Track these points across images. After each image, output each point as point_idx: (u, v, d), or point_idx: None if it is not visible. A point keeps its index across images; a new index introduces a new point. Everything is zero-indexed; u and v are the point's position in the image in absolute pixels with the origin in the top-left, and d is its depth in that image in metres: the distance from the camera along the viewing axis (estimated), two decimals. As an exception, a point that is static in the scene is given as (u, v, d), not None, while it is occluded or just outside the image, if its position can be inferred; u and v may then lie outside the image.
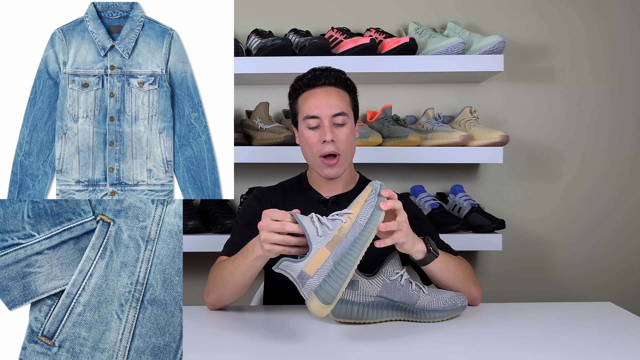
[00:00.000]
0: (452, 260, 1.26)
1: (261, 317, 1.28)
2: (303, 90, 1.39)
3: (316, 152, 1.36)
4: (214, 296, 1.29)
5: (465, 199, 1.93)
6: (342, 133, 1.36)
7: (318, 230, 1.05)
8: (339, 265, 1.03)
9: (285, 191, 1.48)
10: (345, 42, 1.85)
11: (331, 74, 1.38)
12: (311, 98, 1.37)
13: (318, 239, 1.04)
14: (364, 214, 1.08)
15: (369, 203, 1.09)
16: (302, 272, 1.03)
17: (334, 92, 1.37)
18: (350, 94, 1.41)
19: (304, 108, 1.38)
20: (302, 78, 1.40)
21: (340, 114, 1.35)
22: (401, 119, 1.96)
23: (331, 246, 1.04)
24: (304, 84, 1.39)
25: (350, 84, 1.41)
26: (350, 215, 1.08)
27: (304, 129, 1.38)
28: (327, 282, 1.02)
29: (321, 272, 1.02)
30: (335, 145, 1.35)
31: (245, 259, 1.20)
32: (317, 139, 1.36)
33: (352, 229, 1.06)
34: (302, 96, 1.40)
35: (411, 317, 1.18)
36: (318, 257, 1.03)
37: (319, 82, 1.38)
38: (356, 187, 1.46)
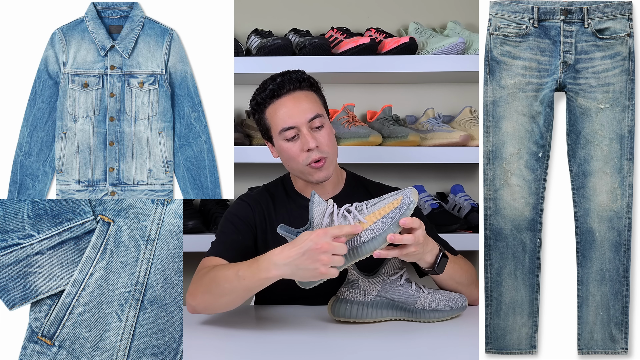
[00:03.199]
0: (458, 269, 1.25)
1: (260, 317, 1.28)
2: (268, 103, 1.30)
3: (302, 162, 1.28)
4: (202, 301, 1.18)
5: (465, 199, 1.93)
6: (323, 135, 1.28)
7: (323, 222, 1.03)
8: None
9: (272, 195, 1.40)
10: (345, 42, 1.85)
11: (293, 77, 1.30)
12: (280, 108, 1.28)
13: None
14: (374, 230, 1.03)
15: (387, 220, 1.03)
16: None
17: (302, 96, 1.29)
18: (317, 92, 1.34)
19: (276, 121, 1.29)
20: (264, 90, 1.30)
21: (316, 117, 1.28)
22: (401, 119, 1.96)
23: None
24: (267, 95, 1.29)
25: (314, 82, 1.33)
26: (362, 224, 1.03)
27: (282, 143, 1.29)
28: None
29: None
30: (320, 150, 1.27)
31: (255, 276, 1.08)
32: (299, 149, 1.27)
33: (352, 240, 1.03)
34: (268, 109, 1.30)
35: (411, 317, 1.18)
36: None
37: (283, 90, 1.28)
38: (345, 188, 1.40)
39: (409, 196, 1.05)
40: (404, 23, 2.09)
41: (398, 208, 1.04)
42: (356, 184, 1.44)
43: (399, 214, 1.04)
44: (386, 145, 1.84)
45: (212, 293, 1.16)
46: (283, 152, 1.31)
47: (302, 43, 1.84)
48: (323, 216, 1.04)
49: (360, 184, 1.44)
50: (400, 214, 1.04)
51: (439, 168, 2.08)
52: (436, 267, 1.16)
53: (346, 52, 1.83)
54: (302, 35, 1.92)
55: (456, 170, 2.09)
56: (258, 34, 1.92)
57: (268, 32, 1.94)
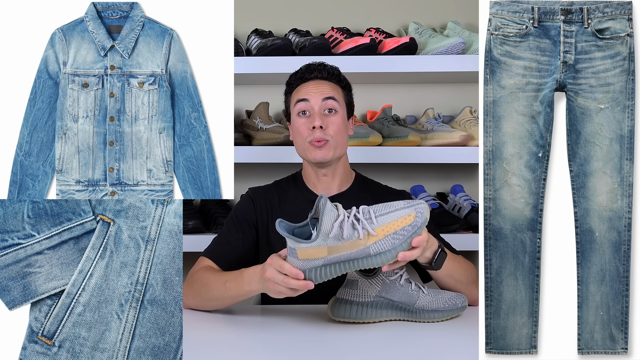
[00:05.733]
0: (457, 266, 1.25)
1: (260, 317, 1.28)
2: (297, 84, 1.39)
3: (305, 138, 1.34)
4: (193, 302, 1.27)
5: (465, 199, 1.93)
6: (332, 121, 1.34)
7: (332, 231, 1.00)
8: (324, 269, 1.02)
9: (281, 189, 1.45)
10: (345, 42, 1.85)
11: (325, 68, 1.38)
12: (303, 87, 1.37)
13: (325, 238, 1.00)
14: (383, 244, 1.01)
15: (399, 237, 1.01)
16: (295, 250, 1.02)
17: (326, 84, 1.37)
18: (344, 89, 1.40)
19: (295, 96, 1.37)
20: (297, 73, 1.40)
21: (330, 98, 1.34)
22: (401, 119, 1.96)
23: (331, 251, 1.01)
24: (297, 77, 1.39)
25: (343, 79, 1.40)
26: (371, 236, 1.01)
27: (295, 117, 1.37)
28: (306, 274, 1.02)
29: (308, 263, 1.01)
30: (324, 132, 1.32)
31: (239, 288, 1.17)
32: (306, 125, 1.34)
33: (359, 251, 1.01)
34: (295, 90, 1.39)
35: (411, 317, 1.18)
36: (315, 251, 1.01)
37: (311, 75, 1.37)
38: (352, 186, 1.44)
39: (423, 214, 1.02)
40: (404, 23, 2.09)
41: (411, 226, 1.01)
42: (363, 187, 1.46)
43: (411, 232, 1.01)
44: (386, 145, 1.84)
45: (202, 297, 1.25)
46: (294, 127, 1.38)
47: (302, 43, 1.84)
48: (333, 224, 1.01)
49: (366, 188, 1.46)
50: (413, 232, 1.01)
51: (439, 168, 2.08)
52: (434, 263, 1.16)
53: (346, 52, 1.83)
54: (302, 35, 1.92)
55: (456, 170, 2.09)
56: (258, 34, 1.92)
57: (268, 32, 1.95)
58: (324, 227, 1.00)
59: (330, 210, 1.01)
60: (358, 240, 1.01)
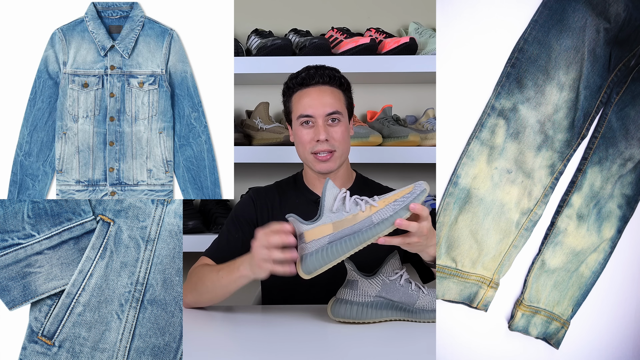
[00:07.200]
0: None
1: (260, 317, 1.28)
2: (297, 89, 1.37)
3: (309, 149, 1.34)
4: (191, 298, 1.27)
5: (465, 199, 1.93)
6: (336, 131, 1.34)
7: (334, 206, 1.05)
8: (331, 247, 1.04)
9: (281, 190, 1.46)
10: (345, 42, 1.85)
11: (325, 72, 1.36)
12: (305, 97, 1.35)
13: (329, 214, 1.05)
14: (385, 212, 1.05)
15: (399, 203, 1.06)
16: (302, 233, 1.05)
17: (328, 91, 1.35)
18: (345, 92, 1.39)
19: (298, 107, 1.36)
20: (296, 77, 1.37)
21: (334, 113, 1.34)
22: (401, 119, 1.96)
23: (336, 226, 1.04)
24: (297, 82, 1.36)
25: (344, 82, 1.40)
26: (372, 207, 1.05)
27: (298, 127, 1.36)
28: (314, 256, 1.04)
29: (315, 244, 1.04)
30: (330, 143, 1.33)
31: (230, 274, 1.18)
32: (310, 137, 1.34)
33: (363, 222, 1.05)
34: (295, 95, 1.37)
35: (411, 317, 1.18)
36: (320, 229, 1.05)
37: (312, 81, 1.35)
38: (353, 186, 1.44)
39: (421, 185, 1.09)
40: (404, 23, 2.09)
41: (410, 193, 1.07)
42: (363, 187, 1.45)
43: (410, 198, 1.06)
44: (386, 145, 1.84)
45: (199, 291, 1.26)
46: (296, 136, 1.38)
47: (302, 43, 1.84)
48: (335, 199, 1.05)
49: (367, 188, 1.46)
50: (412, 198, 1.06)
51: (439, 168, 2.08)
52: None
53: (346, 52, 1.83)
54: (302, 35, 1.92)
55: (456, 170, 2.09)
56: (258, 34, 1.92)
57: (268, 32, 1.95)
58: (327, 203, 1.05)
59: (332, 187, 1.06)
60: (361, 212, 1.05)
